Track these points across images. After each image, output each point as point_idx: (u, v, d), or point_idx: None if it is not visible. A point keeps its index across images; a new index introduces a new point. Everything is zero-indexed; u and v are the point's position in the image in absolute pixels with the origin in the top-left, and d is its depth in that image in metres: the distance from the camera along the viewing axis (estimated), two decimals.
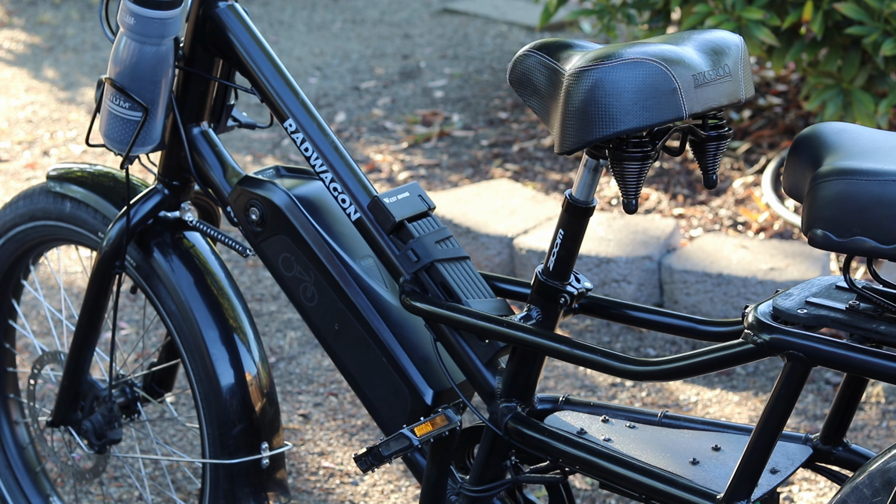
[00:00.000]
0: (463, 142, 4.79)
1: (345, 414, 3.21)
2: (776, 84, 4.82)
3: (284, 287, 2.17)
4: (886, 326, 1.65)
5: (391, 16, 6.47)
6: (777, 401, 1.70)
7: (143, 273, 2.29)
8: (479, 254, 3.82)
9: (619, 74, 1.71)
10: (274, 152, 4.82)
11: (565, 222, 1.91)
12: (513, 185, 4.17)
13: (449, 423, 2.01)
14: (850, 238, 1.60)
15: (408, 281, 2.02)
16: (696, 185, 4.19)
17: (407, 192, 2.06)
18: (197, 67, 2.19)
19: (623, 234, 3.73)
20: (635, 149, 1.77)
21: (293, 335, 3.58)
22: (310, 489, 2.91)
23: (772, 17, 3.88)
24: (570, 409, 2.02)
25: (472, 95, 5.26)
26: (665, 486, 1.83)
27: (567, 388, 3.30)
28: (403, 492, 2.90)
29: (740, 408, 3.18)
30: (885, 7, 3.70)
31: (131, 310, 3.69)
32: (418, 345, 2.09)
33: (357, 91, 5.41)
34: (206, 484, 2.28)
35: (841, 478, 1.89)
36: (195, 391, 2.25)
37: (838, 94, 3.93)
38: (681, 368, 1.80)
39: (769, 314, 1.71)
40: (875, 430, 3.08)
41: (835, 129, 1.73)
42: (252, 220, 2.16)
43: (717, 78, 1.77)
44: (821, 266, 3.50)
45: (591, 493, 2.86)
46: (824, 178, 1.62)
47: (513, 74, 1.86)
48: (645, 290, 3.62)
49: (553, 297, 1.94)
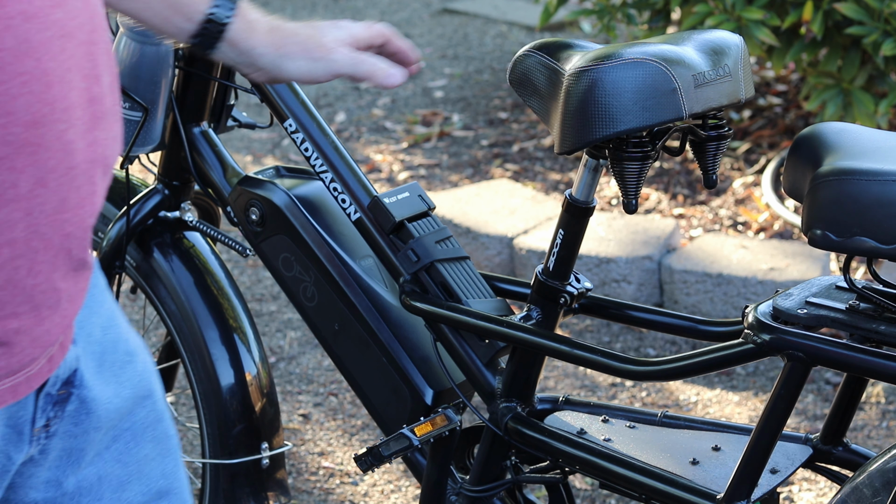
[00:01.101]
0: (463, 142, 4.79)
1: (345, 414, 3.21)
2: (776, 84, 4.82)
3: (284, 287, 2.17)
4: (886, 326, 1.65)
5: (391, 16, 6.47)
6: (777, 401, 1.70)
7: (143, 273, 2.29)
8: (479, 254, 3.82)
9: (619, 74, 1.71)
10: (274, 152, 4.82)
11: (565, 222, 1.91)
12: (513, 185, 4.18)
13: (449, 423, 2.01)
14: (850, 238, 1.60)
15: (408, 281, 2.02)
16: (696, 185, 4.19)
17: (407, 192, 2.06)
18: (197, 67, 2.19)
19: (623, 234, 3.73)
20: (635, 149, 1.77)
21: (293, 335, 3.58)
22: (310, 489, 2.91)
23: (772, 17, 3.88)
24: (569, 409, 2.02)
25: (472, 95, 5.26)
26: (665, 486, 1.83)
27: (567, 388, 3.30)
28: (403, 492, 2.90)
29: (740, 408, 3.18)
30: (885, 7, 3.70)
31: (131, 310, 3.69)
32: (418, 345, 2.09)
33: (357, 91, 5.41)
34: (205, 484, 2.28)
35: (841, 478, 1.89)
36: (195, 391, 2.25)
37: (838, 94, 3.93)
38: (681, 368, 1.80)
39: (769, 314, 1.71)
40: (875, 430, 3.08)
41: (835, 129, 1.73)
42: (252, 220, 2.16)
43: (717, 78, 1.77)
44: (821, 266, 3.50)
45: (591, 493, 2.86)
46: (824, 178, 1.62)
47: (513, 74, 1.86)
48: (645, 290, 3.62)
49: (553, 297, 1.94)
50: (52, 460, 1.38)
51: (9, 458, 1.34)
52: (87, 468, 1.41)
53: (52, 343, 1.29)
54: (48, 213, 1.23)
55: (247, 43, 1.54)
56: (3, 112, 1.17)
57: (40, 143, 1.20)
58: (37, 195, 1.21)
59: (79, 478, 1.41)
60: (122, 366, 1.42)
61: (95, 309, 1.40)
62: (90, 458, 1.41)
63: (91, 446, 1.41)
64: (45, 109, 1.19)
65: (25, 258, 1.22)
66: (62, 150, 1.22)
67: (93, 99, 1.25)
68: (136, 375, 1.44)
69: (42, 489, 1.40)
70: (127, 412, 1.43)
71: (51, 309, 1.27)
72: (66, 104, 1.21)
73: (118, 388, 1.41)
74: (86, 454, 1.40)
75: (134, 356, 1.44)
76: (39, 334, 1.26)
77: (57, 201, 1.23)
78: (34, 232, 1.22)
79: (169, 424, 1.50)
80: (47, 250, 1.24)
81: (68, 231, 1.25)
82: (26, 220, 1.21)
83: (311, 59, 1.57)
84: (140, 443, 1.45)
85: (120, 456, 1.44)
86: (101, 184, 1.29)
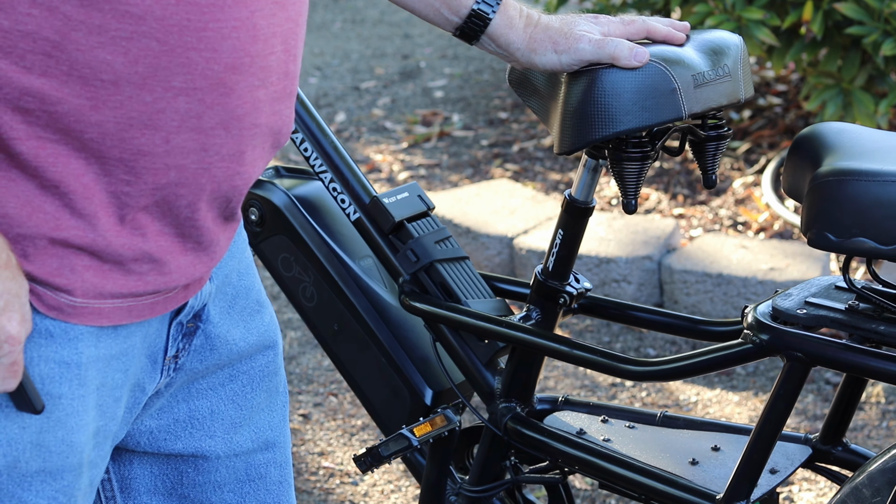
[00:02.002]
0: (463, 142, 4.79)
1: (345, 414, 3.21)
2: (776, 84, 4.82)
3: (284, 287, 2.17)
4: (886, 326, 1.65)
5: (391, 16, 6.47)
6: (777, 401, 1.70)
7: None
8: (479, 254, 3.82)
9: (619, 75, 1.70)
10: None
11: (565, 222, 1.91)
12: (513, 185, 4.17)
13: (448, 423, 2.01)
14: (849, 238, 1.60)
15: (407, 281, 2.02)
16: (696, 185, 4.19)
17: (406, 192, 2.06)
18: None
19: (623, 234, 3.73)
20: (635, 149, 1.77)
21: (293, 335, 3.58)
22: (310, 489, 2.91)
23: (772, 17, 3.88)
24: (569, 409, 2.02)
25: (472, 95, 5.26)
26: (664, 486, 1.83)
27: (567, 388, 3.30)
28: (403, 492, 2.90)
29: (740, 408, 3.18)
30: (885, 7, 3.70)
31: None
32: (417, 345, 2.09)
33: (357, 91, 5.41)
34: None
35: (841, 478, 1.89)
36: None
37: (838, 94, 3.93)
38: (681, 368, 1.80)
39: (769, 314, 1.71)
40: (875, 430, 3.08)
41: (835, 129, 1.73)
42: (251, 221, 2.16)
43: (717, 78, 1.77)
44: (821, 266, 3.50)
45: (591, 493, 2.86)
46: (824, 179, 1.62)
47: (512, 74, 1.86)
48: (645, 290, 3.62)
49: (552, 297, 1.94)
50: (172, 391, 1.42)
51: (143, 389, 1.38)
52: (200, 399, 1.44)
53: (195, 276, 1.33)
54: (223, 158, 1.26)
55: (506, 38, 1.68)
56: (210, 48, 1.21)
57: (234, 88, 1.24)
58: (217, 135, 1.24)
59: (190, 406, 1.44)
60: (252, 313, 1.47)
61: (237, 255, 1.45)
62: (203, 390, 1.44)
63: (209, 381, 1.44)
64: (245, 59, 1.24)
65: (189, 189, 1.26)
66: (251, 104, 1.26)
67: (287, 73, 1.31)
68: (263, 325, 1.48)
69: (156, 416, 1.43)
70: (248, 356, 1.46)
71: (198, 244, 1.31)
72: (264, 64, 1.26)
73: (245, 332, 1.45)
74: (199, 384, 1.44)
75: (263, 306, 1.49)
76: (185, 264, 1.31)
77: (234, 149, 1.27)
78: (205, 169, 1.26)
79: (283, 380, 1.53)
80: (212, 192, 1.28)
81: (237, 184, 1.30)
82: (200, 154, 1.24)
83: (557, 52, 1.68)
84: (255, 389, 1.48)
85: (234, 397, 1.47)
86: (270, 156, 1.34)
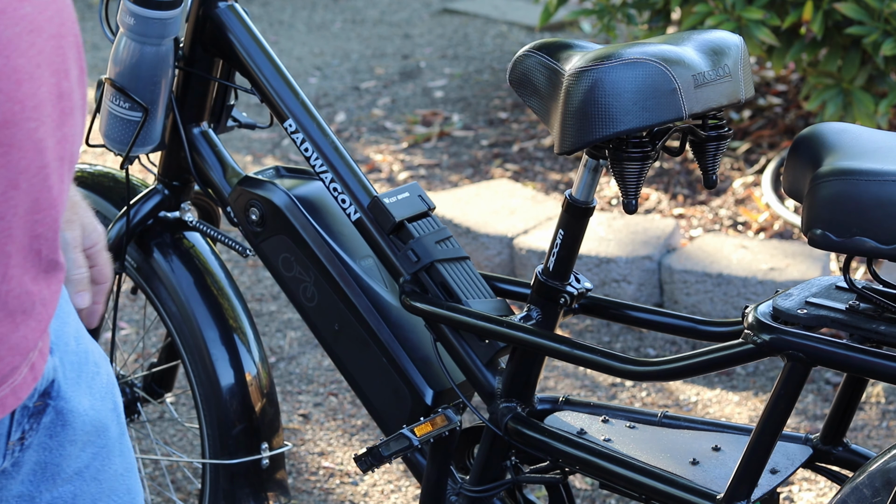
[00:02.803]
0: (463, 142, 4.79)
1: (345, 414, 3.21)
2: (776, 84, 4.82)
3: (284, 287, 2.17)
4: (886, 326, 1.65)
5: (391, 16, 6.47)
6: (777, 401, 1.70)
7: (143, 273, 2.29)
8: (479, 254, 3.82)
9: (619, 75, 1.71)
10: (274, 152, 4.82)
11: (565, 222, 1.91)
12: (513, 185, 4.17)
13: (449, 423, 2.01)
14: (849, 238, 1.60)
15: (408, 281, 2.02)
16: (696, 185, 4.19)
17: (407, 192, 2.06)
18: (197, 68, 2.19)
19: (623, 234, 3.73)
20: (635, 149, 1.77)
21: (293, 335, 3.58)
22: (310, 489, 2.91)
23: (772, 17, 3.88)
24: (569, 409, 2.02)
25: (472, 95, 5.26)
26: (665, 486, 1.83)
27: (567, 388, 3.30)
28: (403, 492, 2.90)
29: (740, 408, 3.18)
30: (885, 7, 3.70)
31: (131, 310, 3.69)
32: (418, 345, 2.09)
33: (357, 91, 5.41)
34: (205, 484, 2.28)
35: (841, 478, 1.89)
36: (195, 391, 2.25)
37: (838, 94, 3.93)
38: (681, 368, 1.80)
39: (769, 314, 1.71)
40: (875, 430, 3.08)
41: (835, 129, 1.73)
42: (252, 221, 2.16)
43: (717, 78, 1.77)
44: (821, 266, 3.50)
45: (591, 493, 2.86)
46: (824, 178, 1.62)
47: (513, 74, 1.86)
48: (645, 290, 3.62)
49: (553, 297, 1.94)
50: (24, 474, 1.34)
51: None
52: (64, 486, 1.37)
53: (31, 349, 1.24)
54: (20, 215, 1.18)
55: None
56: None
57: (12, 143, 1.15)
58: (9, 197, 1.16)
59: (54, 495, 1.36)
60: (93, 377, 1.38)
61: (66, 319, 1.36)
62: (68, 476, 1.37)
63: (67, 462, 1.36)
64: (15, 108, 1.15)
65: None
66: (33, 149, 1.17)
67: (62, 94, 1.21)
68: (104, 387, 1.39)
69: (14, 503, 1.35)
70: (103, 427, 1.38)
71: (25, 314, 1.22)
72: (36, 102, 1.17)
73: (93, 400, 1.37)
74: (62, 470, 1.36)
75: (100, 367, 1.40)
76: (17, 341, 1.21)
77: (29, 202, 1.18)
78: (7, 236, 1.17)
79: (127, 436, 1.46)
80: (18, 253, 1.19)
81: (39, 232, 1.21)
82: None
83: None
84: (112, 458, 1.41)
85: (97, 474, 1.39)
86: (69, 181, 1.25)
